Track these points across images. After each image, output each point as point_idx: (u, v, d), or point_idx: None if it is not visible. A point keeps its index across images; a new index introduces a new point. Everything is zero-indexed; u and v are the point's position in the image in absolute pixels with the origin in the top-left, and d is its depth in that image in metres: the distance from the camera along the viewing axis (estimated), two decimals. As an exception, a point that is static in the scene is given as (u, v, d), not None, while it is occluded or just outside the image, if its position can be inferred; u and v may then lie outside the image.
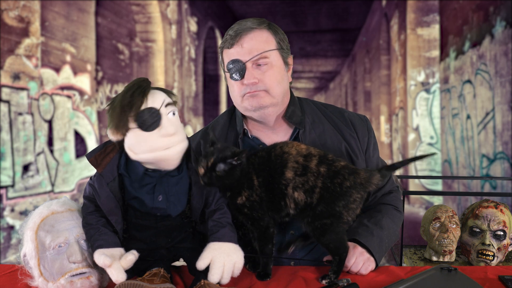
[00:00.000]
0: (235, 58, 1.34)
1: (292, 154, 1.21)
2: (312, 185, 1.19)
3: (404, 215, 1.54)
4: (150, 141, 1.10)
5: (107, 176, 1.17)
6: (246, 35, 1.34)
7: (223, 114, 1.55)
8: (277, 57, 1.37)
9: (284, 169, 1.19)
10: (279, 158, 1.21)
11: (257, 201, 1.20)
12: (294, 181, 1.18)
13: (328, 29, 12.06)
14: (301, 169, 1.19)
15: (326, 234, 1.19)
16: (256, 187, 1.19)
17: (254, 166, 1.22)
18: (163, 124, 1.11)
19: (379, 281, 1.22)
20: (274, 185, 1.20)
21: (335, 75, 17.91)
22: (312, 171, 1.19)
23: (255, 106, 1.35)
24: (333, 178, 1.19)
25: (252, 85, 1.33)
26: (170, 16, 8.15)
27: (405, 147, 7.99)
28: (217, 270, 1.09)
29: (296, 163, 1.19)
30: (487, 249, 1.63)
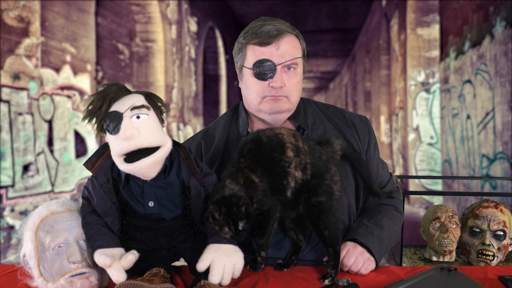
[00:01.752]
0: (266, 58, 1.31)
1: (284, 134, 1.22)
2: (304, 163, 1.21)
3: (404, 215, 1.54)
4: (114, 143, 1.12)
5: (101, 178, 1.16)
6: (283, 38, 1.33)
7: (223, 114, 1.54)
8: (301, 65, 1.39)
9: (284, 148, 1.20)
10: (275, 139, 1.21)
11: (263, 194, 1.17)
12: (294, 160, 1.20)
13: (328, 29, 12.05)
14: (295, 149, 1.21)
15: (322, 214, 1.21)
16: (259, 184, 1.17)
17: (248, 166, 1.18)
18: (121, 127, 1.10)
19: (379, 281, 1.22)
20: (276, 166, 1.19)
21: (335, 75, 17.91)
22: (302, 150, 1.22)
23: (274, 110, 1.34)
24: (313, 154, 1.24)
25: (279, 88, 1.32)
26: (170, 16, 8.15)
27: (405, 147, 7.99)
28: (218, 272, 1.09)
29: (291, 144, 1.21)
30: (487, 249, 1.63)
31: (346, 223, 1.40)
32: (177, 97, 8.42)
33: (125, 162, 1.10)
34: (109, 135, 1.12)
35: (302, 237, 1.32)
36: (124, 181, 1.17)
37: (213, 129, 1.50)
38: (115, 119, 1.10)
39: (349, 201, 1.40)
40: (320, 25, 11.64)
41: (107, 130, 1.12)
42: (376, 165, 1.47)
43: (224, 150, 1.43)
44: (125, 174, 1.16)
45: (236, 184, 1.15)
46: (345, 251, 1.29)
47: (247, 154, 1.20)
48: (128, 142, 1.09)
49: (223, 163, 1.41)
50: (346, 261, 1.27)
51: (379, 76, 9.73)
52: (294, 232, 1.32)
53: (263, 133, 1.22)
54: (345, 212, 1.39)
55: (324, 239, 1.22)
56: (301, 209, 1.25)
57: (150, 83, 7.56)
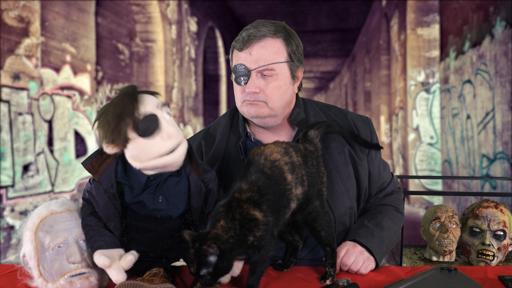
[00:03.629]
0: (242, 63, 1.32)
1: (279, 159, 1.16)
2: (301, 175, 1.18)
3: (404, 215, 1.54)
4: (155, 146, 1.07)
5: (105, 183, 1.15)
6: (257, 42, 1.31)
7: (224, 115, 1.53)
8: (285, 70, 1.34)
9: (284, 176, 1.14)
10: (276, 169, 1.14)
11: (265, 229, 1.08)
12: (294, 181, 1.16)
13: (328, 29, 12.05)
14: (292, 167, 1.17)
15: (318, 218, 1.20)
16: (262, 220, 1.07)
17: (251, 198, 1.08)
18: (163, 127, 1.08)
19: (379, 281, 1.21)
20: (282, 199, 1.13)
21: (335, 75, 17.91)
22: (297, 163, 1.19)
23: (252, 115, 1.35)
24: (306, 162, 1.21)
25: (252, 94, 1.32)
26: (170, 16, 8.15)
27: (405, 147, 7.99)
28: None
29: (286, 165, 1.16)
30: (487, 249, 1.62)
31: (347, 224, 1.40)
32: (177, 97, 8.42)
33: (165, 155, 1.08)
34: (141, 140, 1.06)
35: (298, 237, 1.32)
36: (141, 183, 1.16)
37: (214, 129, 1.49)
38: (152, 120, 1.07)
39: (351, 203, 1.40)
40: (320, 25, 11.64)
41: (143, 134, 1.06)
42: (378, 166, 1.47)
43: (225, 150, 1.43)
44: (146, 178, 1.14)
45: (229, 222, 1.05)
46: (345, 250, 1.29)
47: (254, 182, 1.11)
48: (171, 140, 1.09)
49: (224, 163, 1.41)
50: (346, 260, 1.27)
51: (379, 76, 9.73)
52: (289, 235, 1.31)
53: (263, 166, 1.14)
54: (347, 213, 1.39)
55: (322, 240, 1.22)
56: (297, 217, 1.21)
57: (150, 83, 7.55)
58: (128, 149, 1.08)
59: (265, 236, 1.08)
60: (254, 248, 1.08)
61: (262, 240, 1.08)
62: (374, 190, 1.47)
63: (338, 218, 1.37)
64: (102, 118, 1.07)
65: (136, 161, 1.09)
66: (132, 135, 1.06)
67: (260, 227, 1.07)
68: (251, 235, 1.06)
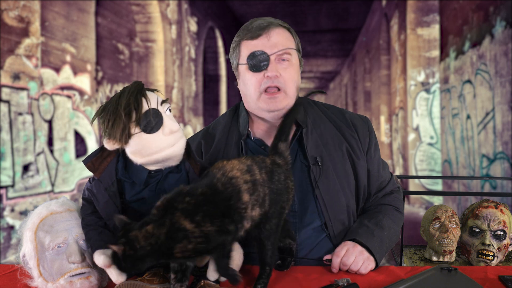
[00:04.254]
0: (259, 50, 1.33)
1: (238, 176, 1.09)
2: (263, 196, 1.11)
3: (404, 215, 1.54)
4: (156, 141, 1.10)
5: (106, 181, 1.16)
6: (274, 29, 1.35)
7: (224, 114, 1.54)
8: (296, 57, 1.39)
9: (239, 194, 1.07)
10: (230, 186, 1.07)
11: (201, 242, 1.02)
12: (251, 202, 1.09)
13: (328, 29, 12.06)
14: (252, 187, 1.09)
15: (271, 237, 1.14)
16: (192, 230, 1.00)
17: (185, 210, 1.02)
18: (165, 123, 1.11)
19: (379, 281, 1.21)
20: (233, 213, 1.06)
21: (335, 75, 17.92)
22: (260, 181, 1.12)
23: (272, 109, 1.35)
24: (272, 178, 1.14)
25: (274, 78, 1.32)
26: (170, 16, 8.15)
27: (405, 147, 7.99)
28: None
29: (246, 183, 1.09)
30: (487, 249, 1.62)
31: (346, 223, 1.40)
32: (177, 97, 8.42)
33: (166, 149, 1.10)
34: (144, 135, 1.09)
35: (289, 239, 1.30)
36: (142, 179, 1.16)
37: (213, 128, 1.50)
38: (155, 116, 1.10)
39: (348, 201, 1.40)
40: (320, 25, 11.64)
41: (146, 129, 1.09)
42: (377, 165, 1.47)
43: (224, 150, 1.43)
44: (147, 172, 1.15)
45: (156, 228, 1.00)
46: (345, 250, 1.29)
47: (197, 195, 1.05)
48: (173, 135, 1.11)
49: None
50: (346, 260, 1.26)
51: (379, 76, 9.73)
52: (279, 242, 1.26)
53: (217, 179, 1.08)
54: (344, 211, 1.39)
55: (265, 259, 1.16)
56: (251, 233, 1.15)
57: (150, 83, 7.55)
58: (130, 145, 1.10)
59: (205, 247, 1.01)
60: (186, 258, 1.02)
61: (200, 251, 1.02)
62: (373, 189, 1.47)
63: (333, 216, 1.37)
64: (104, 113, 1.09)
65: (137, 156, 1.11)
66: (135, 130, 1.09)
67: (192, 240, 1.00)
68: (177, 248, 1.00)
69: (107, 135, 1.09)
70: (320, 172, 1.37)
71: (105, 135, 1.10)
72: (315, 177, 1.37)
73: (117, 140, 1.09)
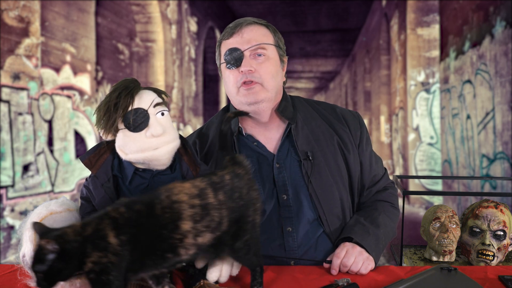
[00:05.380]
0: (234, 47, 1.36)
1: (184, 200, 0.99)
2: (218, 220, 1.02)
3: (404, 215, 1.55)
4: (138, 141, 1.11)
5: (102, 177, 1.17)
6: (247, 26, 1.39)
7: (217, 114, 1.57)
8: (274, 53, 1.41)
9: (177, 222, 0.98)
10: (169, 211, 0.98)
11: (113, 262, 0.93)
12: (195, 230, 0.99)
13: (328, 29, 12.06)
14: (200, 212, 1.00)
15: (250, 251, 1.08)
16: (114, 246, 0.93)
17: (115, 221, 0.96)
18: (150, 125, 1.11)
19: (379, 281, 1.21)
20: (161, 242, 0.98)
21: (335, 75, 17.91)
22: (213, 205, 1.02)
23: (250, 101, 1.36)
24: (232, 195, 1.05)
25: (248, 73, 1.35)
26: (170, 16, 8.15)
27: (405, 147, 7.99)
28: (216, 269, 1.10)
29: (192, 208, 0.99)
30: (487, 249, 1.62)
31: (340, 217, 1.41)
32: (177, 97, 8.42)
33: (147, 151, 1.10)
34: (128, 132, 1.11)
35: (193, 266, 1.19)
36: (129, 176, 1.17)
37: (207, 128, 1.53)
38: (141, 116, 1.11)
39: (341, 194, 1.42)
40: (320, 25, 11.65)
41: (129, 127, 1.11)
42: (369, 159, 1.49)
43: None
44: (133, 170, 1.16)
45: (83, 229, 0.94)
46: (344, 251, 1.29)
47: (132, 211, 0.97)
48: (158, 139, 1.11)
49: (218, 161, 1.42)
50: (346, 261, 1.27)
51: (379, 76, 9.74)
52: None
53: (159, 201, 0.99)
54: (338, 205, 1.41)
55: (253, 263, 1.12)
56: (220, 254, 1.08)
57: (150, 83, 7.55)
58: (117, 138, 1.13)
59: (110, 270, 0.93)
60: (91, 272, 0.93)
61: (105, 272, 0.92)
62: (367, 182, 1.48)
63: (327, 210, 1.39)
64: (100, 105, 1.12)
65: (121, 152, 1.13)
66: (121, 126, 1.11)
67: (108, 254, 0.92)
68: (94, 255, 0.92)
69: (98, 125, 1.13)
70: (312, 167, 1.39)
71: (96, 125, 1.13)
72: (307, 172, 1.39)
73: (105, 130, 1.12)
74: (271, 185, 1.41)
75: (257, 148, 1.44)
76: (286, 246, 1.38)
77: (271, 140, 1.46)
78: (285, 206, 1.39)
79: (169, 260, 0.99)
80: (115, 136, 1.13)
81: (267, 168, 1.42)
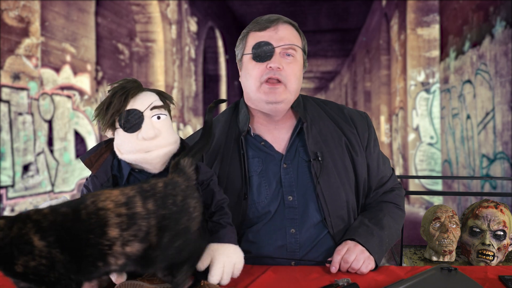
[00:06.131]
0: (266, 41, 1.34)
1: (110, 208, 0.97)
2: (146, 229, 0.98)
3: (405, 213, 1.54)
4: (130, 142, 1.12)
5: (101, 177, 1.17)
6: (283, 24, 1.38)
7: (224, 112, 1.54)
8: (300, 56, 1.40)
9: (104, 228, 0.95)
10: (95, 217, 0.95)
11: (45, 264, 0.92)
12: (122, 238, 0.96)
13: (328, 29, 12.06)
14: (127, 221, 0.97)
15: (182, 251, 1.03)
16: (41, 249, 0.91)
17: (37, 223, 0.92)
18: (143, 127, 1.11)
19: (379, 281, 1.21)
20: (90, 248, 0.95)
21: (335, 75, 17.92)
22: (141, 215, 0.98)
23: (271, 100, 1.34)
24: (164, 204, 1.01)
25: (276, 70, 1.33)
26: (170, 16, 8.15)
27: (405, 147, 7.99)
28: (217, 271, 1.09)
29: (118, 217, 0.96)
30: (487, 249, 1.63)
31: (345, 219, 1.40)
32: (177, 97, 8.42)
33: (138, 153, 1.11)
34: (123, 132, 1.12)
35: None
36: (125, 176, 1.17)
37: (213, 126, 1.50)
38: (135, 117, 1.11)
39: (347, 196, 1.40)
40: (320, 25, 11.65)
41: (123, 127, 1.12)
42: (376, 161, 1.47)
43: (224, 148, 1.43)
44: (129, 169, 1.16)
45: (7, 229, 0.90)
46: (346, 248, 1.29)
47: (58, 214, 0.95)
48: (150, 142, 1.11)
49: (224, 159, 1.41)
50: (347, 257, 1.27)
51: (379, 76, 9.74)
52: None
53: (84, 206, 0.96)
54: (344, 207, 1.39)
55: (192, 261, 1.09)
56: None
57: (150, 83, 7.56)
58: (115, 137, 1.15)
59: (45, 272, 0.91)
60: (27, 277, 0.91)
61: (40, 275, 0.91)
62: (373, 184, 1.47)
63: (333, 212, 1.37)
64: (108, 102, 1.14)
65: (118, 151, 1.15)
66: (117, 125, 1.13)
67: (36, 257, 0.90)
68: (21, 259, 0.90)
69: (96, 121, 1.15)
70: (320, 168, 1.37)
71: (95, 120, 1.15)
72: (316, 173, 1.37)
73: (101, 125, 1.14)
74: (277, 185, 1.39)
75: (264, 148, 1.42)
76: (288, 247, 1.37)
77: (279, 140, 1.44)
78: (290, 207, 1.37)
79: (100, 269, 0.97)
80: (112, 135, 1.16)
81: (274, 168, 1.40)
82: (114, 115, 1.11)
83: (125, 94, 1.12)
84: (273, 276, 1.24)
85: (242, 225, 1.38)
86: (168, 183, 1.05)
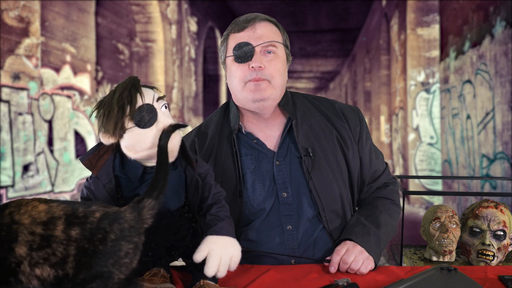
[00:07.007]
0: (245, 41, 1.35)
1: (24, 224, 0.89)
2: (62, 256, 0.89)
3: (404, 215, 1.54)
4: (150, 137, 1.09)
5: (103, 178, 1.16)
6: (260, 22, 1.39)
7: (216, 112, 1.55)
8: (282, 51, 1.40)
9: (12, 244, 0.88)
10: (6, 230, 0.89)
11: None
12: (30, 257, 0.89)
13: (328, 29, 12.07)
14: (39, 241, 0.89)
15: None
16: None
17: None
18: (159, 119, 1.10)
19: (379, 281, 1.21)
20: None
21: (335, 75, 17.92)
22: (59, 239, 0.89)
23: (256, 98, 1.35)
24: (92, 237, 0.91)
25: (258, 70, 1.33)
26: (170, 16, 8.16)
27: (405, 147, 7.99)
28: (214, 263, 1.09)
29: (31, 235, 0.89)
30: (487, 249, 1.62)
31: (340, 213, 1.41)
32: (177, 97, 8.42)
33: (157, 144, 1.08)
34: (138, 130, 1.09)
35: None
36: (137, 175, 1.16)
37: (206, 126, 1.51)
38: (149, 112, 1.10)
39: (341, 191, 1.41)
40: (320, 25, 11.65)
41: (139, 125, 1.09)
42: (368, 154, 1.48)
43: (218, 147, 1.45)
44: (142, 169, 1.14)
45: None
46: (345, 249, 1.29)
47: None
48: None
49: (218, 157, 1.42)
50: (346, 258, 1.27)
51: (379, 76, 9.74)
52: None
53: (1, 215, 0.91)
54: (338, 201, 1.40)
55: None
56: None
57: (150, 83, 7.52)
58: (124, 139, 1.10)
59: None
60: None
61: None
62: (366, 178, 1.48)
63: (327, 206, 1.38)
64: (99, 108, 1.09)
65: (131, 151, 1.11)
66: (129, 125, 1.08)
67: None
68: None
69: (102, 129, 1.09)
70: (312, 164, 1.39)
71: (100, 130, 1.10)
72: (308, 169, 1.38)
73: (111, 134, 1.09)
74: (271, 182, 1.40)
75: (256, 145, 1.43)
76: (286, 244, 1.38)
77: (271, 137, 1.45)
78: (285, 204, 1.38)
79: (12, 284, 0.90)
80: (121, 138, 1.10)
81: (267, 165, 1.42)
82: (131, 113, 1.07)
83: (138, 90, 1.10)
84: (273, 276, 1.24)
85: (239, 222, 1.39)
86: (108, 216, 0.94)
